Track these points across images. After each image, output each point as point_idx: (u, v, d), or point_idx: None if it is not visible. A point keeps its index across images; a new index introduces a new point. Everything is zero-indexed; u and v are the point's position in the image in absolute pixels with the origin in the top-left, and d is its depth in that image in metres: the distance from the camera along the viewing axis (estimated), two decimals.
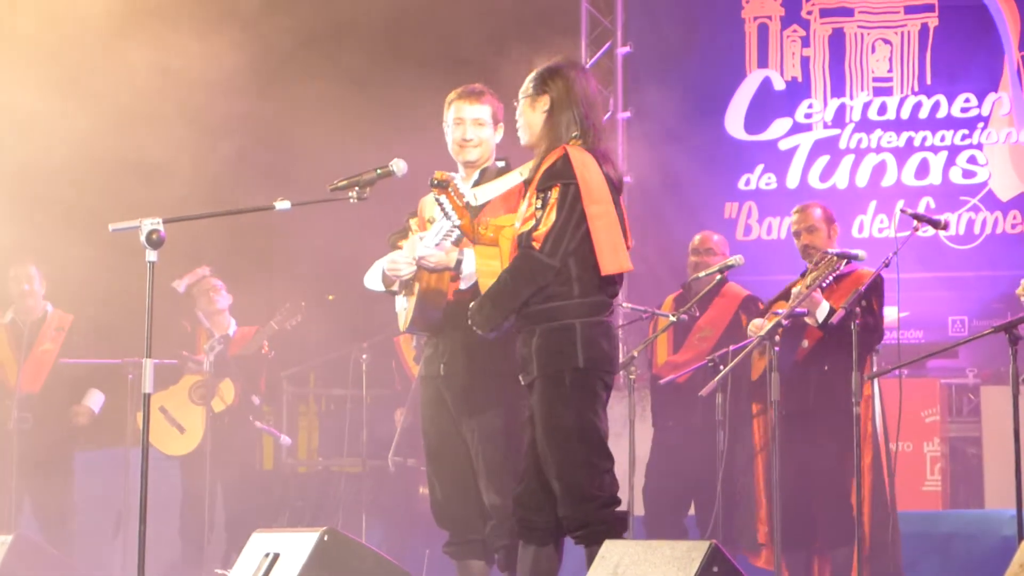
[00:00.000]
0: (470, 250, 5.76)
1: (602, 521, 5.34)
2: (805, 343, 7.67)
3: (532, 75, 5.63)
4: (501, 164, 6.04)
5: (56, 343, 10.02)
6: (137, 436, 5.43)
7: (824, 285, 7.42)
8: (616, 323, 5.62)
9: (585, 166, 5.39)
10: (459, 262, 5.83)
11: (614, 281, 5.48)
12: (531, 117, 5.58)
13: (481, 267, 5.52)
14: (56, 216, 9.99)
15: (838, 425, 7.44)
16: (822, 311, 7.48)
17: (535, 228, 5.35)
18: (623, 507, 5.52)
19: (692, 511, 8.94)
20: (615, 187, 5.50)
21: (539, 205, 5.37)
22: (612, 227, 5.41)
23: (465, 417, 6.00)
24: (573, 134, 5.49)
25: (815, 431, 7.58)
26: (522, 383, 5.49)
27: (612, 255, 5.40)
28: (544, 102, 5.55)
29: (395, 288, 6.09)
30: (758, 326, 7.60)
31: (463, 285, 5.84)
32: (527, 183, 5.57)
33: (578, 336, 5.36)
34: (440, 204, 5.47)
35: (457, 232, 5.69)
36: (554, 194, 5.35)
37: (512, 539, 5.73)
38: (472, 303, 5.49)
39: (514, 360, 5.54)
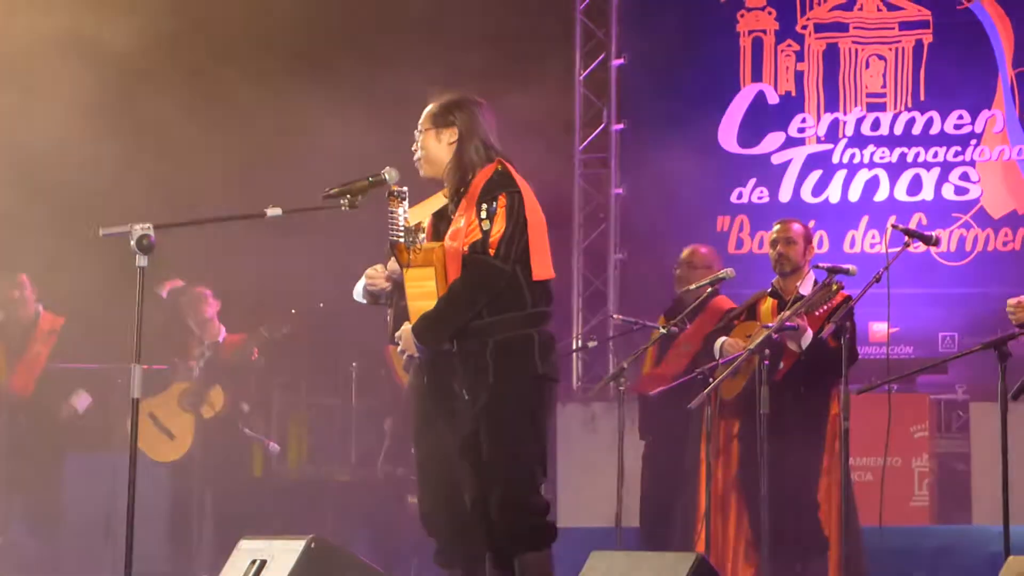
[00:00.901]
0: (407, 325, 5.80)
1: (535, 532, 5.38)
2: (782, 365, 7.66)
3: (431, 109, 5.68)
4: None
5: (47, 346, 10.02)
6: (126, 441, 5.41)
7: (817, 313, 7.44)
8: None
9: (519, 178, 5.51)
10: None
11: (551, 291, 5.55)
12: (436, 149, 5.63)
13: (413, 290, 5.53)
14: (47, 221, 9.99)
15: (810, 442, 7.53)
16: (806, 339, 7.50)
17: (487, 235, 5.38)
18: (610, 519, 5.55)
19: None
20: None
21: (484, 216, 5.41)
22: (543, 235, 5.51)
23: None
24: (488, 157, 5.55)
25: (789, 448, 7.58)
26: (465, 397, 5.50)
27: (545, 262, 5.50)
28: (450, 134, 5.61)
29: (382, 301, 6.11)
30: (733, 345, 7.66)
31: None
32: (453, 206, 5.59)
33: (535, 344, 5.42)
34: (392, 216, 5.51)
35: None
36: (501, 202, 5.41)
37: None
38: (406, 325, 5.53)
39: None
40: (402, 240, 5.48)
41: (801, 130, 11.85)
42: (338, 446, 10.42)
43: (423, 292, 5.48)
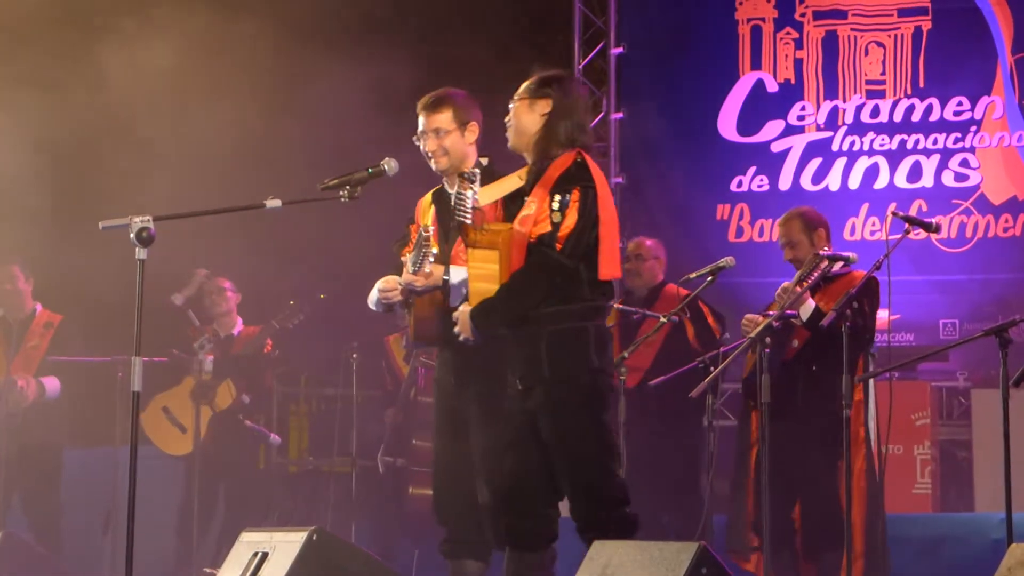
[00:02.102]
0: (456, 267, 5.79)
1: (614, 522, 5.36)
2: (795, 343, 7.67)
3: (532, 80, 5.65)
4: (484, 162, 6.05)
5: (45, 339, 10.00)
6: (126, 435, 5.41)
7: (809, 281, 7.41)
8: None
9: (597, 173, 5.48)
10: (445, 281, 5.85)
11: (611, 286, 5.54)
12: (527, 120, 5.59)
13: (476, 270, 5.50)
14: (45, 214, 9.98)
15: (826, 427, 7.45)
16: (806, 310, 7.50)
17: (557, 229, 5.36)
18: None
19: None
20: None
21: (556, 207, 5.38)
22: (612, 233, 5.50)
23: (481, 427, 5.97)
24: (572, 140, 5.51)
25: (803, 433, 7.58)
26: (519, 387, 5.48)
27: (612, 261, 5.49)
28: (544, 105, 5.58)
29: (396, 310, 6.15)
30: (751, 320, 7.62)
31: (453, 302, 5.85)
32: (528, 187, 5.56)
33: (591, 338, 5.39)
34: (460, 198, 5.51)
35: (435, 251, 5.74)
36: (575, 196, 5.38)
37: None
38: (464, 307, 5.49)
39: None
40: (469, 221, 5.48)
41: (801, 118, 11.83)
42: (339, 438, 10.40)
43: (485, 274, 5.46)
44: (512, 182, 5.71)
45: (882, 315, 7.98)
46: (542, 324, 5.40)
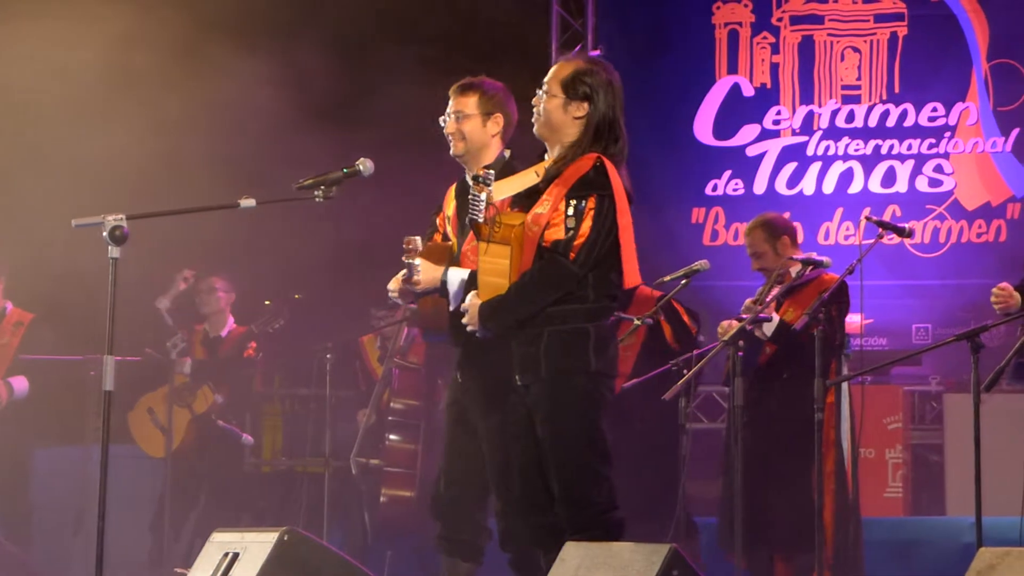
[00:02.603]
0: (454, 269, 5.76)
1: (601, 526, 5.34)
2: (767, 348, 7.69)
3: (564, 73, 5.48)
4: (507, 155, 6.02)
5: (16, 337, 9.95)
6: (97, 434, 5.39)
7: (767, 300, 7.42)
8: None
9: (616, 179, 5.39)
10: (443, 282, 5.82)
11: (618, 289, 5.45)
12: (558, 119, 5.46)
13: (486, 264, 5.45)
14: (17, 212, 9.93)
15: (799, 431, 7.48)
16: (769, 327, 7.51)
17: (572, 238, 5.29)
18: None
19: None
20: (631, 200, 5.50)
21: (571, 213, 5.31)
22: (631, 241, 5.42)
23: (482, 420, 5.97)
24: (602, 144, 5.45)
25: (777, 436, 7.60)
26: (518, 383, 5.47)
27: (634, 268, 5.41)
28: (577, 109, 5.46)
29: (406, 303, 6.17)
30: (725, 328, 7.64)
31: (452, 305, 5.81)
32: (545, 183, 5.47)
33: (591, 340, 5.35)
34: (474, 199, 5.48)
35: (417, 263, 5.73)
36: (591, 203, 5.31)
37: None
38: (475, 299, 5.45)
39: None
40: (481, 220, 5.44)
41: (776, 122, 11.86)
42: (312, 438, 10.40)
43: (496, 268, 5.39)
44: (529, 178, 5.59)
45: (855, 319, 8.01)
46: (543, 324, 5.36)
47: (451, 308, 5.79)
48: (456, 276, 5.74)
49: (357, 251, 10.11)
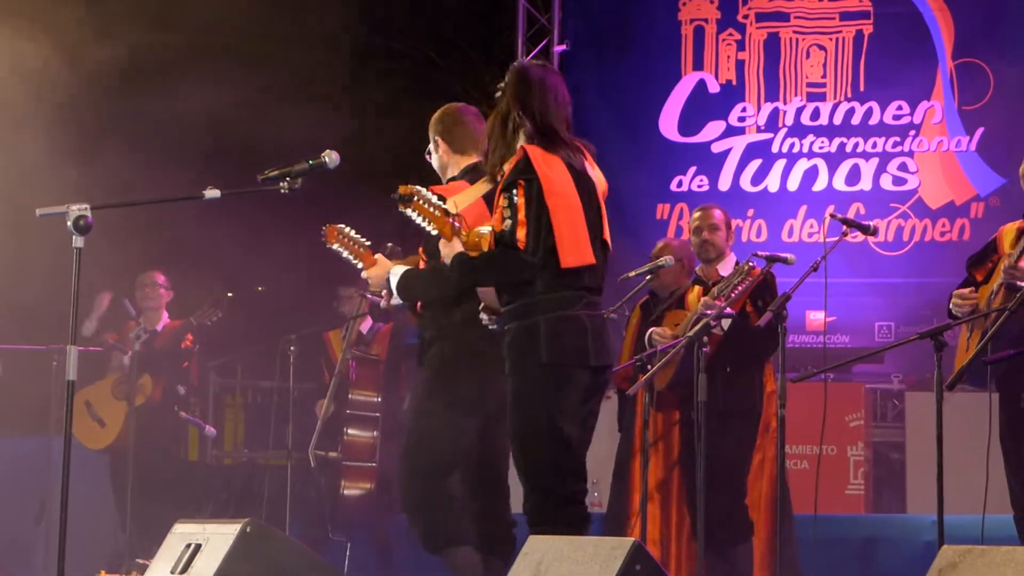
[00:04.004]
0: (398, 267, 5.82)
1: (562, 519, 5.34)
2: (706, 348, 7.68)
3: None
4: (471, 164, 6.13)
5: None
6: (59, 425, 5.37)
7: (733, 295, 7.43)
8: (593, 315, 5.46)
9: (547, 163, 5.36)
10: (388, 280, 5.87)
11: (580, 273, 5.38)
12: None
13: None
14: None
15: (740, 425, 7.60)
16: (727, 321, 7.53)
17: (512, 228, 5.28)
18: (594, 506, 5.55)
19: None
20: (585, 182, 5.50)
21: (506, 205, 5.32)
22: (573, 220, 5.35)
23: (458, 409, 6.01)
24: (524, 139, 5.47)
25: (717, 430, 7.61)
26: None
27: (573, 248, 5.33)
28: (497, 111, 5.52)
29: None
30: (660, 334, 7.72)
31: (393, 302, 5.88)
32: (494, 188, 5.51)
33: (541, 332, 5.32)
34: (411, 218, 5.47)
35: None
36: (520, 192, 5.31)
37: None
38: (399, 266, 5.61)
39: (480, 353, 5.77)
40: (436, 233, 5.41)
41: (741, 119, 11.88)
42: (274, 430, 10.37)
43: None
44: (486, 186, 5.66)
45: (818, 316, 8.04)
46: (506, 321, 5.40)
47: (393, 303, 5.91)
48: (398, 272, 5.88)
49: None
